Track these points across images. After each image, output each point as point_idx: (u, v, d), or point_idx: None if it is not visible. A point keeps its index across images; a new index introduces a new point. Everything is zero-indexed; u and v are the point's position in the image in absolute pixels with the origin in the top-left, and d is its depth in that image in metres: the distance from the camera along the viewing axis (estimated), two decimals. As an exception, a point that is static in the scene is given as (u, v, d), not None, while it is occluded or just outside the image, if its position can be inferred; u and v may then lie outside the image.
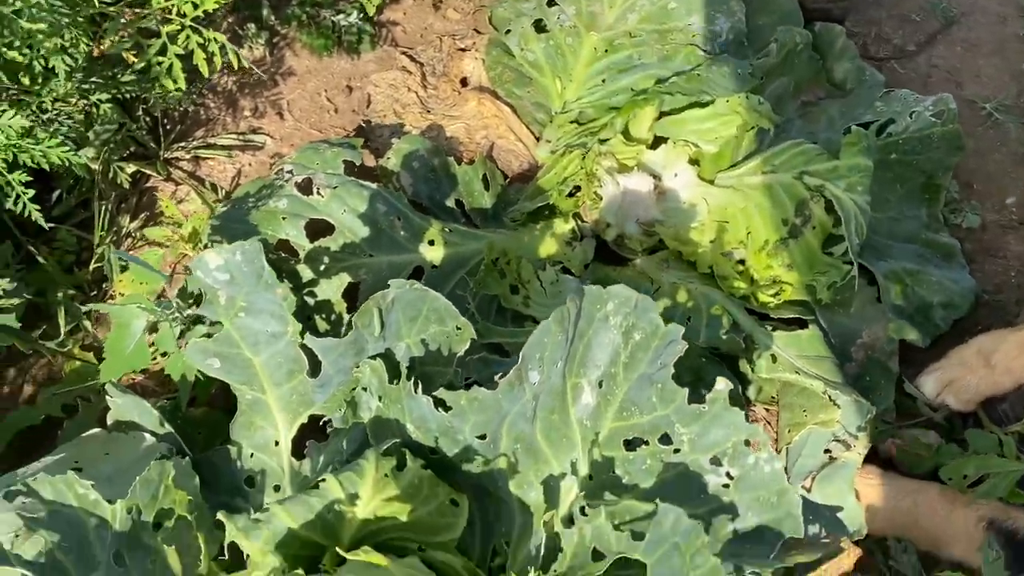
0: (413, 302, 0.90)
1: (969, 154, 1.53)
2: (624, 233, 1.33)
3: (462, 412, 0.85)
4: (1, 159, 1.02)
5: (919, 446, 1.15)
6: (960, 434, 1.18)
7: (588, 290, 0.86)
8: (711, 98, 1.30)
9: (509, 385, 0.85)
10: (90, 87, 1.22)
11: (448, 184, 1.37)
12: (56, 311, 1.24)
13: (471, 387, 1.07)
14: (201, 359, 0.91)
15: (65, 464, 0.97)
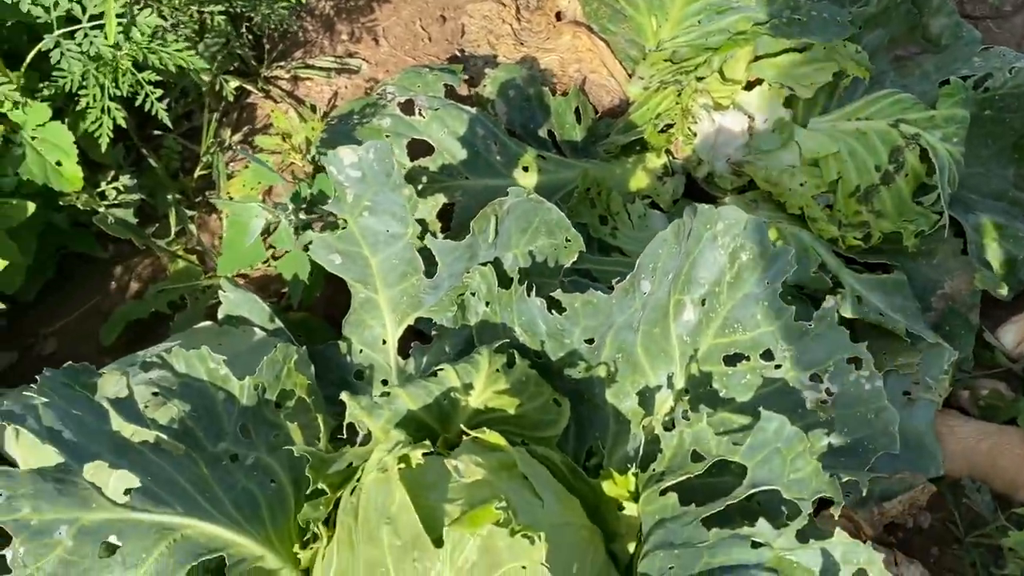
0: (527, 213, 0.94)
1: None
2: (715, 171, 1.35)
3: (575, 315, 0.88)
4: (131, 58, 1.07)
5: (996, 396, 1.17)
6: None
7: (700, 209, 0.89)
8: (809, 43, 1.31)
9: (623, 291, 0.88)
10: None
11: (541, 114, 1.40)
12: (166, 213, 1.30)
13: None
14: (324, 254, 0.96)
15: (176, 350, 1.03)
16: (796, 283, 1.23)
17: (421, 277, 0.97)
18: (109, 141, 1.11)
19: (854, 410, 0.84)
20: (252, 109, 1.49)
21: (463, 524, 0.70)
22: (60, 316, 1.28)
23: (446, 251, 0.94)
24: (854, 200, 1.27)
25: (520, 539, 0.68)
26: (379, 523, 0.74)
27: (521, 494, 0.77)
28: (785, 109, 1.35)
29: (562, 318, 0.88)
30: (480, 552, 0.71)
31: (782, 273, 0.86)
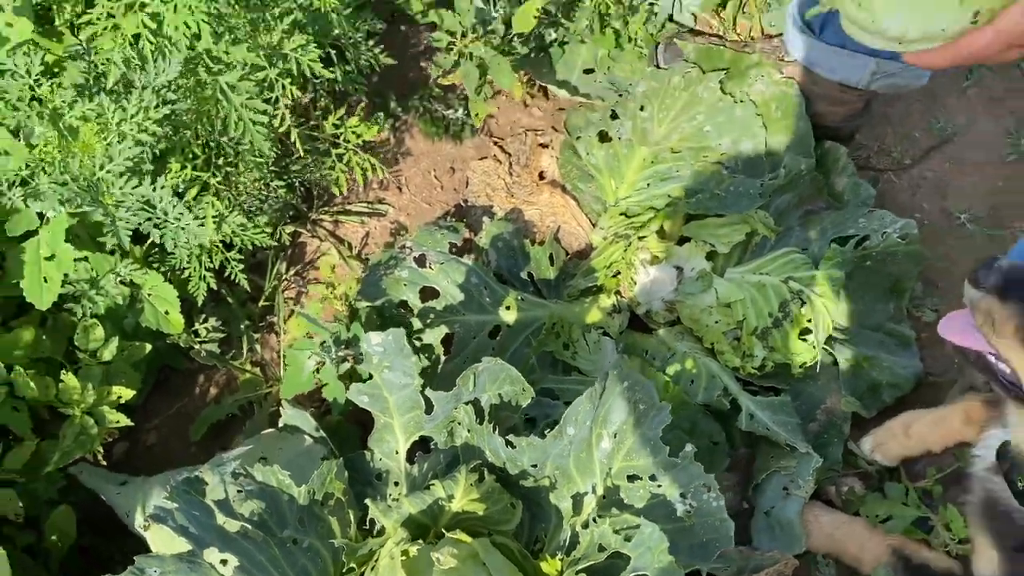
0: (495, 371, 1.36)
1: (939, 257, 1.92)
2: (651, 309, 1.76)
3: (523, 450, 1.30)
4: (222, 241, 1.51)
5: (852, 492, 1.57)
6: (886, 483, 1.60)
7: (611, 373, 1.30)
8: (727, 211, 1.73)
9: (553, 435, 1.30)
10: (270, 174, 1.70)
11: (523, 260, 1.83)
12: (239, 336, 1.74)
13: (530, 421, 1.54)
14: (356, 396, 1.39)
15: (255, 453, 1.46)
16: (705, 403, 1.64)
17: (422, 412, 1.39)
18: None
19: (706, 519, 1.24)
20: (303, 246, 1.92)
21: None
22: (158, 415, 1.71)
23: (440, 398, 1.36)
24: (754, 337, 1.68)
25: None
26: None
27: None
28: (707, 261, 1.76)
29: (515, 451, 1.30)
30: None
31: (663, 422, 1.27)
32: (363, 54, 1.58)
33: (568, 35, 1.97)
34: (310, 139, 1.69)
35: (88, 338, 1.46)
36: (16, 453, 1.39)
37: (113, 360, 1.48)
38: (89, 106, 1.20)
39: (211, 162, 1.48)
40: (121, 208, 1.22)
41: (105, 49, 1.27)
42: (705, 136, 1.87)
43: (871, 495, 1.56)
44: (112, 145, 1.21)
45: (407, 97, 2.06)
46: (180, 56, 1.24)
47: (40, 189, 1.18)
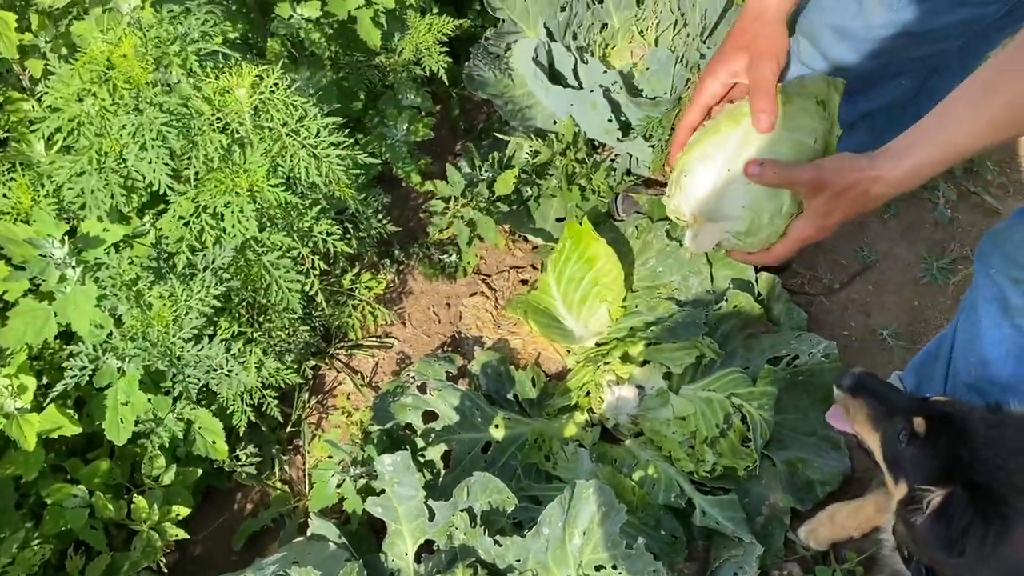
0: (484, 482, 1.68)
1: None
2: (619, 423, 2.09)
3: (508, 547, 1.60)
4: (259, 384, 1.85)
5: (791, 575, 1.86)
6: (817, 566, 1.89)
7: (578, 483, 1.61)
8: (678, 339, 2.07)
9: (532, 535, 1.60)
10: (298, 323, 2.05)
11: (509, 383, 2.16)
12: (271, 457, 2.06)
13: (518, 524, 1.84)
14: (372, 507, 1.70)
15: (289, 559, 1.76)
16: (665, 503, 1.94)
17: (426, 519, 1.70)
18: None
19: (657, 600, 1.54)
20: (323, 377, 2.26)
21: None
22: (203, 528, 2.01)
23: (440, 507, 1.68)
24: (705, 445, 1.99)
25: None
26: None
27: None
28: (664, 380, 2.09)
29: (502, 549, 1.61)
30: None
31: (621, 520, 1.57)
32: (373, 226, 1.96)
33: (542, 191, 2.36)
34: (330, 292, 2.05)
35: (152, 466, 1.79)
36: (95, 565, 1.69)
37: (172, 484, 1.80)
38: (163, 287, 1.56)
39: (253, 319, 1.83)
40: (186, 367, 1.56)
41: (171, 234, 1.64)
42: (658, 276, 2.23)
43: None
44: (180, 316, 1.56)
45: (409, 245, 2.43)
46: (234, 243, 1.60)
47: (127, 353, 1.52)
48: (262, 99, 1.55)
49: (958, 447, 1.33)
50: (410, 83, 2.17)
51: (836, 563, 1.90)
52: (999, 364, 1.64)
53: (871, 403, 1.48)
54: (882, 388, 1.50)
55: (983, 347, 1.65)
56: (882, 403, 1.47)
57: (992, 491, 1.27)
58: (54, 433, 1.63)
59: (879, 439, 1.46)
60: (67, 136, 1.53)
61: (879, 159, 1.32)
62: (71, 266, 1.56)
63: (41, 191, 1.65)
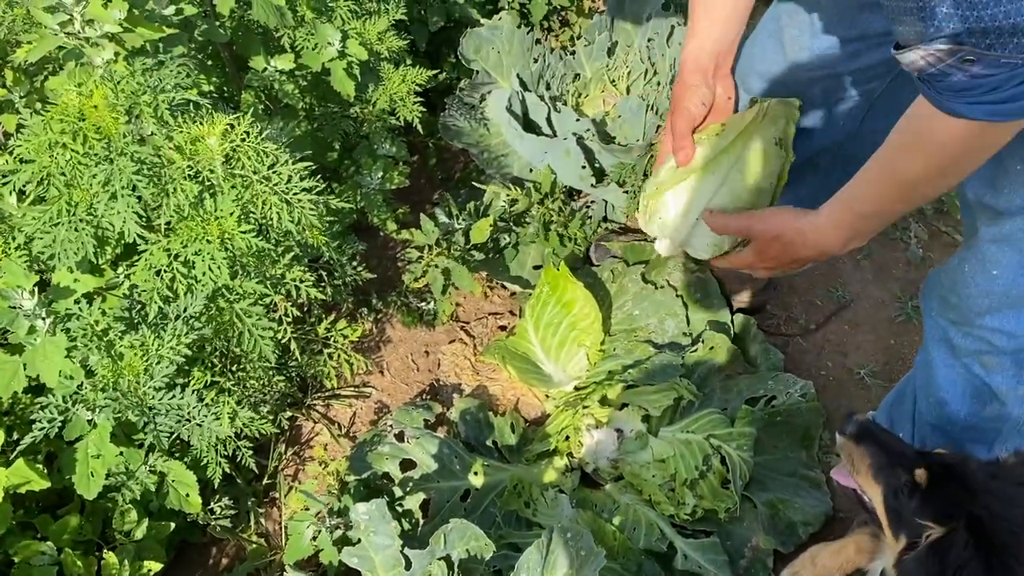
0: (462, 529, 1.65)
1: (844, 410, 2.25)
2: (599, 467, 2.07)
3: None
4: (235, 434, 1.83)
5: (775, 618, 1.84)
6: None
7: (555, 527, 1.59)
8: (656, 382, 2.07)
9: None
10: (272, 372, 2.04)
11: (488, 430, 2.14)
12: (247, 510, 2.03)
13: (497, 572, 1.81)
14: (348, 558, 1.67)
15: (263, 613, 1.72)
16: (646, 548, 1.92)
17: (403, 568, 1.67)
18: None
19: (638, 646, 1.51)
20: (299, 428, 2.24)
21: None
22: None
23: (417, 555, 1.65)
24: (685, 487, 1.98)
25: None
26: None
27: None
28: (643, 423, 2.08)
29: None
30: None
31: (600, 564, 1.55)
32: (348, 273, 1.96)
33: (520, 239, 2.38)
34: (305, 341, 2.04)
35: (124, 520, 1.75)
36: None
37: (144, 538, 1.76)
38: (135, 337, 1.55)
39: (226, 368, 1.82)
40: (158, 416, 1.54)
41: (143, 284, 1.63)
42: (635, 319, 2.24)
43: (784, 619, 1.83)
44: (152, 366, 1.55)
45: (386, 293, 2.44)
46: (205, 291, 1.60)
47: (98, 403, 1.50)
48: (233, 147, 1.56)
49: (959, 497, 1.32)
50: (385, 133, 2.20)
51: (820, 604, 1.87)
52: (956, 403, 1.65)
53: (873, 452, 1.45)
54: (885, 436, 1.48)
55: (939, 388, 1.68)
56: (884, 452, 1.44)
57: (995, 540, 1.26)
58: (22, 488, 1.60)
59: (881, 491, 1.45)
60: (38, 186, 1.53)
61: (805, 216, 1.49)
62: (41, 317, 1.55)
63: (12, 243, 1.65)
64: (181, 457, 1.85)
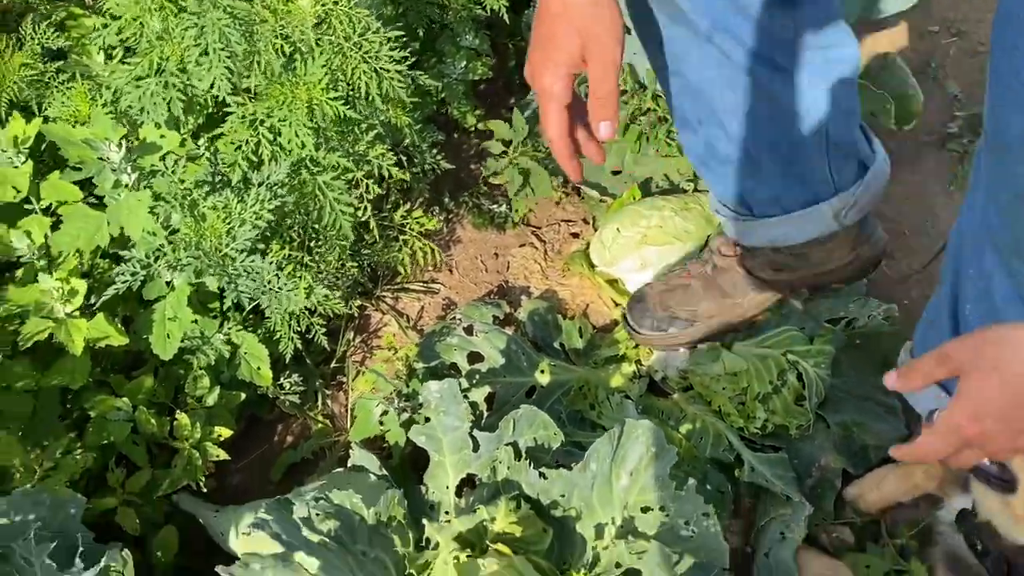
0: (531, 417, 1.64)
1: (924, 339, 2.17)
2: (667, 377, 2.03)
3: (553, 481, 1.56)
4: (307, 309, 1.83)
5: (840, 540, 1.80)
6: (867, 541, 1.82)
7: (628, 421, 1.57)
8: (733, 293, 2.01)
9: (579, 469, 1.56)
10: (347, 256, 2.03)
11: (555, 332, 2.12)
12: (314, 391, 2.04)
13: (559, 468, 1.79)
14: (416, 436, 1.67)
15: (328, 487, 1.73)
16: (713, 457, 1.89)
17: (470, 451, 1.66)
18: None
19: (706, 543, 1.49)
20: (368, 318, 2.23)
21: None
22: (243, 458, 2.00)
23: (485, 438, 1.64)
24: (757, 402, 1.94)
25: None
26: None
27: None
28: (717, 337, 2.04)
29: (547, 482, 1.57)
30: None
31: (671, 461, 1.52)
32: (427, 160, 1.93)
33: (598, 143, 2.30)
34: (381, 227, 2.02)
35: (196, 386, 1.77)
36: (136, 479, 1.67)
37: (214, 405, 1.78)
38: (218, 199, 1.54)
39: (304, 244, 1.81)
40: (239, 278, 1.54)
41: (226, 150, 1.62)
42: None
43: (850, 554, 1.78)
44: (234, 228, 1.54)
45: (458, 193, 2.40)
46: (289, 160, 1.58)
47: (180, 262, 1.50)
48: (325, 10, 1.52)
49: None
50: (469, 23, 2.14)
51: (888, 536, 1.83)
52: None
53: None
54: None
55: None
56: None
57: None
58: (101, 342, 1.62)
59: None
60: (128, 38, 1.51)
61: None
62: (126, 171, 1.55)
63: (99, 99, 1.64)
64: (254, 330, 1.86)
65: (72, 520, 1.51)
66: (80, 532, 1.51)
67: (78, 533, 1.50)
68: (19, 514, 1.47)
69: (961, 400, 0.92)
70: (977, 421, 0.90)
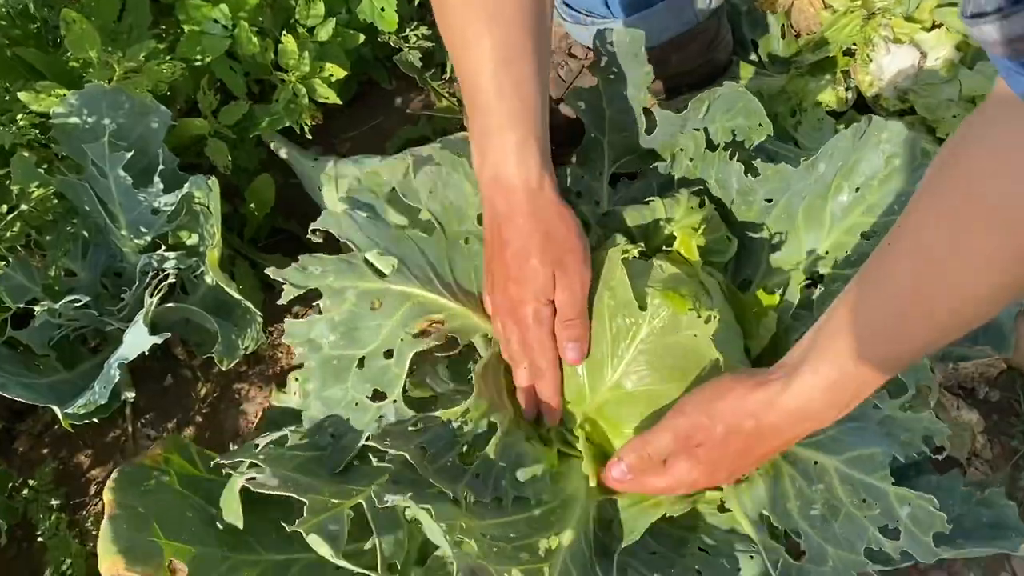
0: (732, 98, 1.25)
1: None
2: (882, 93, 1.61)
3: (765, 179, 1.20)
4: None
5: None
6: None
7: (875, 119, 1.17)
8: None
9: (806, 167, 1.19)
10: None
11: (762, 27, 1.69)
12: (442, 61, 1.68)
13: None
14: (574, 102, 1.31)
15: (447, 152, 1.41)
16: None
17: (636, 135, 1.30)
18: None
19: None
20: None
21: (662, 296, 1.05)
22: (354, 128, 1.69)
23: (665, 118, 1.27)
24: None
25: (696, 317, 1.02)
26: (602, 290, 1.09)
27: (699, 290, 1.12)
28: (956, 52, 1.59)
29: (754, 180, 1.21)
30: (669, 318, 1.05)
31: (919, 177, 1.15)
32: None
33: None
34: None
35: (308, 12, 1.42)
36: (230, 110, 1.37)
37: (328, 41, 1.44)
38: None
39: None
40: None
41: None
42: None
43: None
44: None
45: None
46: None
47: None
48: None
49: None
50: None
51: None
52: None
53: None
54: None
55: None
56: None
57: None
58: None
59: None
60: None
61: (757, 389, 0.95)
62: None
63: None
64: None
65: (154, 136, 1.22)
66: (161, 151, 1.22)
67: (159, 151, 1.22)
68: (93, 114, 1.18)
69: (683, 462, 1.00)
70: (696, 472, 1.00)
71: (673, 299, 1.06)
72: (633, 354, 1.04)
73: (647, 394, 1.04)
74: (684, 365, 1.04)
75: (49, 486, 1.25)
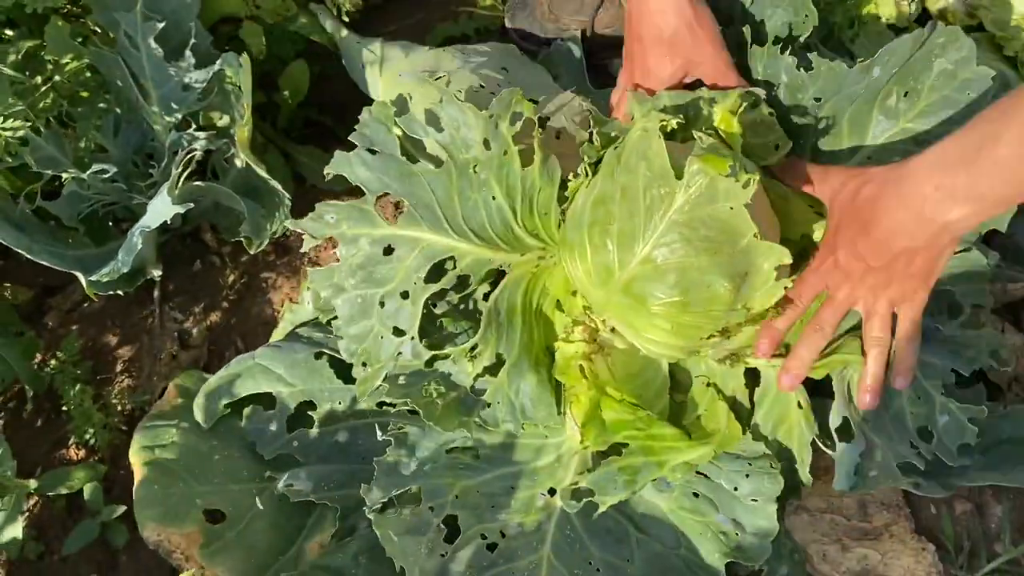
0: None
1: None
2: (949, 8, 1.52)
3: (817, 75, 1.13)
4: None
5: None
6: None
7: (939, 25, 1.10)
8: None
9: (861, 69, 1.12)
10: None
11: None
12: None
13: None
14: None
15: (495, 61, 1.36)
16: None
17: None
18: None
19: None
20: None
21: (700, 160, 0.99)
22: (393, 22, 1.64)
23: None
24: (1067, 56, 1.43)
25: (735, 184, 0.95)
26: (638, 161, 1.02)
27: (740, 158, 1.06)
28: (1032, -35, 1.49)
29: (806, 75, 1.15)
30: (706, 187, 0.98)
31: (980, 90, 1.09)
32: None
33: None
34: None
35: None
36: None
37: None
38: None
39: None
40: None
41: None
42: None
43: None
44: None
45: None
46: None
47: None
48: None
49: None
50: None
51: None
52: None
53: None
54: None
55: None
56: None
57: None
58: None
59: None
60: None
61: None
62: None
63: None
64: None
65: (187, 10, 1.20)
66: (194, 25, 1.20)
67: (191, 24, 1.20)
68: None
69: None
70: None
71: (712, 160, 0.98)
72: (667, 225, 0.99)
73: (679, 266, 0.99)
74: (718, 238, 0.98)
75: (76, 357, 1.26)
